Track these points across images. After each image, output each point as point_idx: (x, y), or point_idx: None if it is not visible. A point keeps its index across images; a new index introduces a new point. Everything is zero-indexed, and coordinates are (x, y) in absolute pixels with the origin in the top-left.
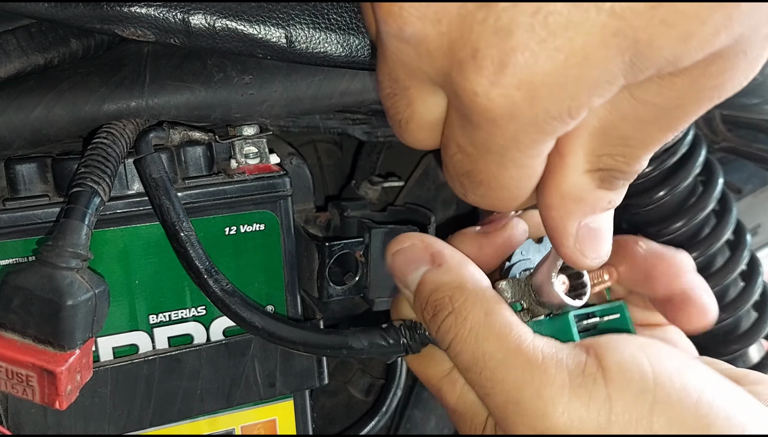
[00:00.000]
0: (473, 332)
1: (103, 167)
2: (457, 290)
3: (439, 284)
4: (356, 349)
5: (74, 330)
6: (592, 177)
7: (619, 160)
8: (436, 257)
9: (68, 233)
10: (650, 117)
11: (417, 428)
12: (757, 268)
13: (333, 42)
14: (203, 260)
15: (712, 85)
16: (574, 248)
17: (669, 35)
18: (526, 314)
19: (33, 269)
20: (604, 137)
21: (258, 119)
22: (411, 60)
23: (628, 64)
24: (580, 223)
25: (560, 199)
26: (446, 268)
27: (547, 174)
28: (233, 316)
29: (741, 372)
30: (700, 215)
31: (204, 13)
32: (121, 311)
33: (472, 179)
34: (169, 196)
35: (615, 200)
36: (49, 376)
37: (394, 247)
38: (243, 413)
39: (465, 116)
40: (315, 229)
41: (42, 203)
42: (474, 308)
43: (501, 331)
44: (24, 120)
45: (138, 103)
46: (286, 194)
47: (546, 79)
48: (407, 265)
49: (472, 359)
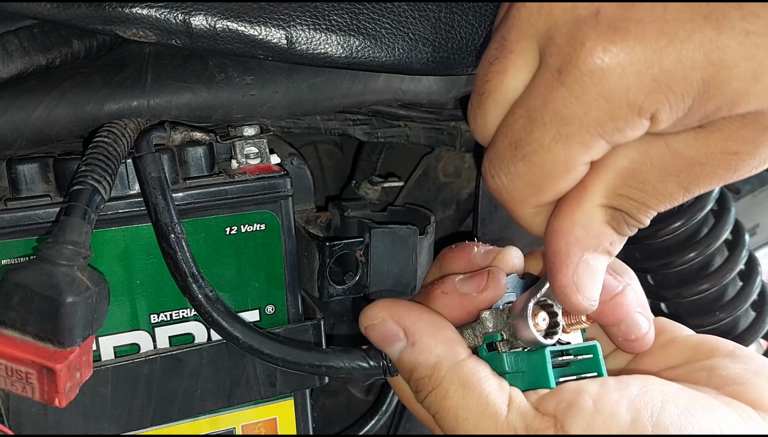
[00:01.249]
0: (452, 411)
1: (104, 166)
2: (435, 370)
3: (415, 364)
4: (336, 368)
5: (74, 327)
6: (605, 212)
7: (633, 204)
8: (409, 333)
9: (68, 231)
10: (674, 169)
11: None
12: (756, 268)
13: (334, 43)
14: (190, 265)
15: (736, 151)
16: (570, 280)
17: (746, 68)
18: (506, 344)
19: (33, 267)
20: (628, 179)
21: (259, 119)
22: (531, 14)
23: (703, 86)
24: (581, 256)
25: (570, 225)
26: (420, 347)
27: (564, 201)
28: (214, 325)
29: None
30: (698, 215)
31: (205, 14)
32: (122, 311)
33: (518, 150)
34: (165, 196)
35: (615, 246)
36: (49, 373)
37: (365, 321)
38: (243, 412)
39: (558, 69)
40: (315, 229)
41: (43, 202)
42: (451, 387)
43: (478, 410)
44: (26, 120)
45: (139, 103)
46: (287, 194)
47: (644, 58)
48: (383, 341)
49: (453, 433)
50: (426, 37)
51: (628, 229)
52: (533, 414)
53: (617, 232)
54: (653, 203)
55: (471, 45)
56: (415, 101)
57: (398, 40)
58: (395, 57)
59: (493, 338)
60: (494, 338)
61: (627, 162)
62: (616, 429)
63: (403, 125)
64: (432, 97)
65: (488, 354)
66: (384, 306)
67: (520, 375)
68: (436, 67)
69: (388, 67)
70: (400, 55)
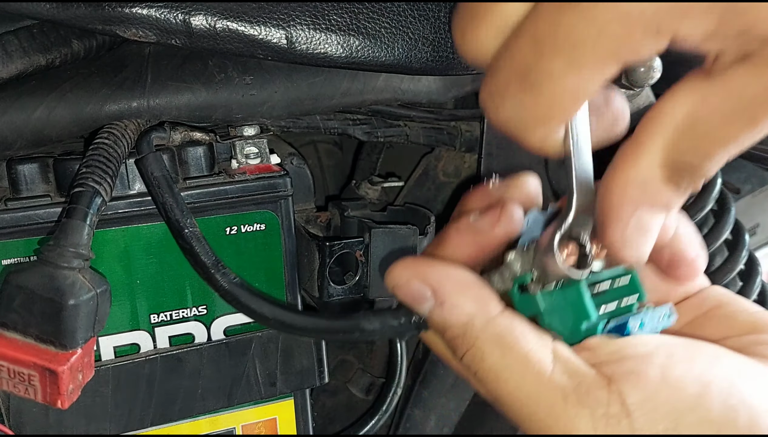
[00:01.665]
0: (492, 371)
1: (104, 168)
2: (467, 328)
3: (447, 324)
4: (368, 331)
5: (76, 330)
6: (663, 170)
7: (695, 156)
8: (437, 292)
9: (70, 233)
10: (736, 111)
11: (417, 427)
12: (756, 268)
13: (333, 43)
14: (210, 255)
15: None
16: (622, 235)
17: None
18: (537, 284)
19: (35, 269)
20: (688, 130)
21: (259, 119)
22: None
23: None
24: (635, 212)
25: (625, 183)
26: (449, 306)
27: (619, 159)
28: (243, 308)
29: None
30: (698, 215)
31: (205, 14)
32: (122, 311)
33: (525, 79)
34: (172, 193)
35: (673, 205)
36: (51, 375)
37: (391, 282)
38: (243, 412)
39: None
40: (315, 229)
41: (44, 203)
42: (487, 346)
43: (521, 368)
44: (26, 120)
45: (139, 103)
46: (287, 194)
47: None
48: (411, 301)
49: (496, 397)
50: (426, 36)
51: (691, 184)
52: (583, 371)
53: (678, 188)
54: (716, 150)
55: None
56: (414, 101)
57: (398, 40)
58: (395, 56)
59: (523, 279)
60: (524, 279)
61: (686, 111)
62: (680, 403)
63: (403, 125)
64: (432, 96)
65: (520, 297)
66: (408, 265)
67: (558, 314)
68: (436, 66)
69: (388, 67)
70: (399, 55)
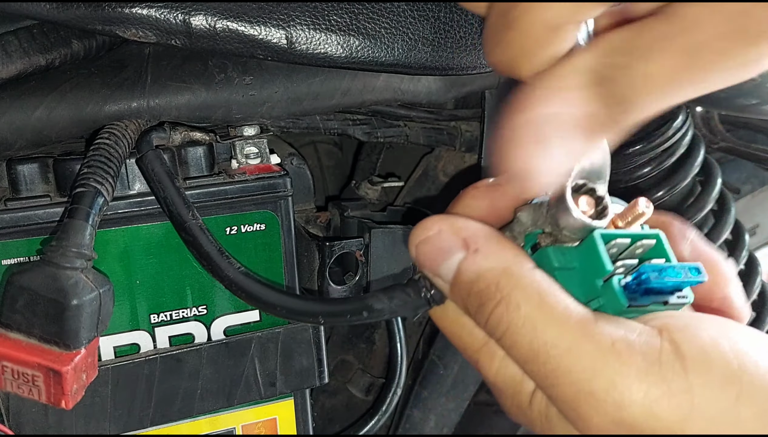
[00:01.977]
0: (530, 321)
1: (106, 168)
2: (503, 276)
3: (480, 272)
4: (378, 310)
5: (79, 330)
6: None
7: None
8: (471, 241)
9: (72, 234)
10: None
11: (416, 428)
12: (756, 268)
13: (333, 43)
14: (213, 245)
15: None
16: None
17: None
18: (548, 238)
19: (38, 270)
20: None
21: (259, 119)
22: None
23: None
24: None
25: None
26: (485, 253)
27: None
28: (249, 297)
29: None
30: (698, 216)
31: (205, 14)
32: (122, 311)
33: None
34: (174, 186)
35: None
36: (55, 376)
37: (419, 236)
38: (243, 412)
39: None
40: (315, 229)
41: (44, 203)
42: (526, 294)
43: (562, 317)
44: (26, 121)
45: (139, 104)
46: (287, 194)
47: None
48: (437, 255)
49: (531, 350)
50: (425, 36)
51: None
52: (629, 322)
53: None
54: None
55: (470, 45)
56: (414, 101)
57: (397, 40)
58: (394, 56)
59: (534, 236)
60: (535, 234)
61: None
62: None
63: (403, 125)
64: (431, 96)
65: (532, 255)
66: (439, 218)
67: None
68: (436, 66)
69: (388, 67)
70: (399, 55)
